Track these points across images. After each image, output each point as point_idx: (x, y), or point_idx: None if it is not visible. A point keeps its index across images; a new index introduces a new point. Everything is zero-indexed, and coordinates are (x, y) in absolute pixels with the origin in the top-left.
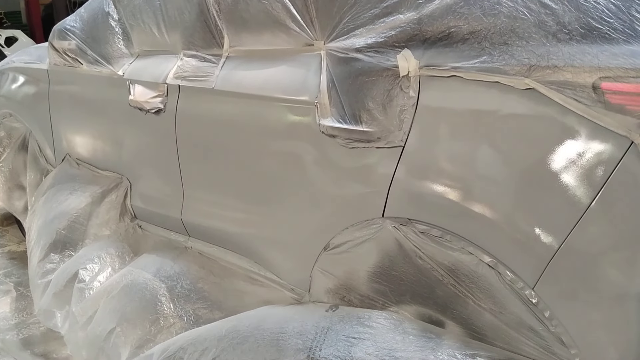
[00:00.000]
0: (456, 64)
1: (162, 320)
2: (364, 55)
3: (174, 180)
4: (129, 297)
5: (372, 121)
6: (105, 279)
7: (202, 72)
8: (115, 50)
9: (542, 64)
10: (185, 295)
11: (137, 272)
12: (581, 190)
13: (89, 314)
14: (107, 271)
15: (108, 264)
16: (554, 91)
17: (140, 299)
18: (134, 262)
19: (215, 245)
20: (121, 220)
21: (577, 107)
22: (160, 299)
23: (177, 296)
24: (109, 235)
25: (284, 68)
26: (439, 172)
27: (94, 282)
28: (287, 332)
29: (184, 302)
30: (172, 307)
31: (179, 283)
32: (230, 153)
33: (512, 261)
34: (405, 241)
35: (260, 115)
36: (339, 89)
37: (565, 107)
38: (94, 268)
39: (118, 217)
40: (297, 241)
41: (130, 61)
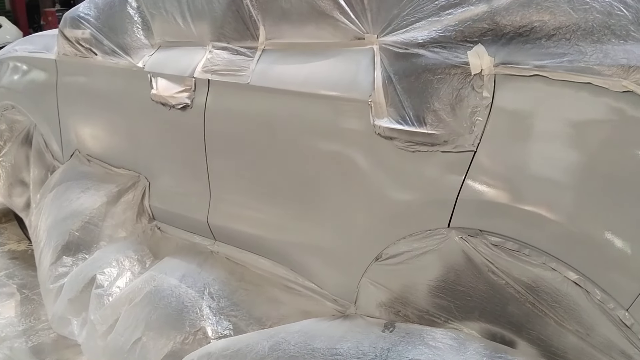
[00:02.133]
0: (540, 62)
1: (190, 328)
2: (428, 51)
3: (200, 180)
4: (153, 304)
5: (439, 123)
6: (125, 285)
7: (235, 65)
8: (135, 41)
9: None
10: (215, 303)
11: (160, 277)
12: None
13: (110, 322)
14: (126, 276)
15: (127, 268)
16: None
17: (166, 306)
18: (155, 266)
19: (245, 250)
20: (138, 222)
21: None
22: (187, 305)
23: (206, 303)
24: (126, 237)
25: (330, 63)
26: (516, 180)
27: (113, 287)
28: (341, 354)
29: (213, 310)
30: (201, 314)
31: (207, 289)
32: (267, 153)
33: (603, 279)
34: (475, 254)
35: (303, 114)
36: (398, 87)
37: None
38: (112, 272)
39: (135, 218)
40: (343, 249)
41: (151, 52)
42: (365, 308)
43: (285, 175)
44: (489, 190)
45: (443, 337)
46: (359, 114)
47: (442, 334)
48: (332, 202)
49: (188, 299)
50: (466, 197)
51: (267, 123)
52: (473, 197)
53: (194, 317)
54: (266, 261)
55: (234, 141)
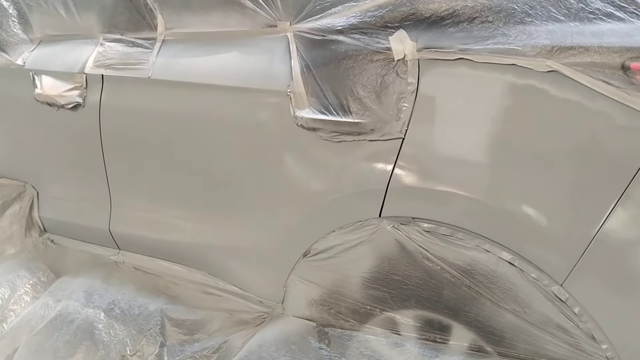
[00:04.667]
0: (464, 46)
1: (104, 352)
2: (348, 38)
3: (99, 185)
4: (59, 331)
5: (364, 111)
6: (22, 309)
7: (132, 59)
8: (11, 36)
9: (565, 45)
10: (127, 318)
11: (64, 302)
12: (613, 178)
13: (7, 352)
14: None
15: (21, 289)
16: (580, 73)
17: (75, 332)
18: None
19: (155, 258)
20: (27, 236)
21: (607, 90)
22: (98, 327)
23: (117, 321)
24: (15, 254)
25: (242, 53)
26: (446, 165)
27: (6, 312)
28: None
29: (126, 327)
30: (114, 335)
31: (116, 306)
32: (175, 152)
33: (537, 257)
34: (409, 242)
35: (216, 108)
36: (317, 76)
37: (594, 90)
38: (4, 295)
39: (23, 232)
40: (267, 249)
41: (31, 48)
42: (294, 307)
43: (197, 174)
44: (419, 177)
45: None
46: (277, 106)
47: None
48: (252, 199)
49: (97, 320)
50: (396, 185)
51: (174, 120)
52: (403, 185)
53: (107, 339)
54: (181, 268)
55: (136, 141)
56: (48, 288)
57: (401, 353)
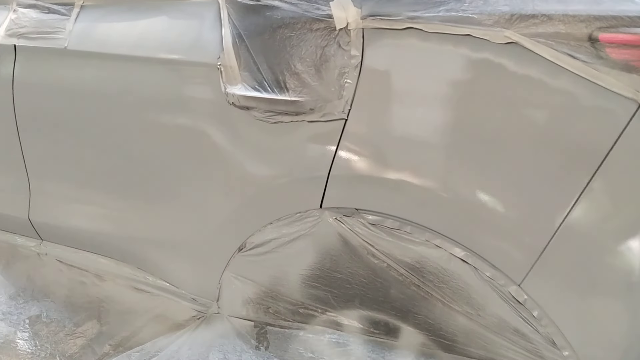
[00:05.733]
0: (413, 13)
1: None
2: (284, 3)
3: (15, 169)
4: None
5: (302, 88)
6: None
7: (47, 27)
8: None
9: (526, 12)
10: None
11: None
12: (579, 165)
13: None
14: None
15: None
16: (542, 45)
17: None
18: None
19: (79, 250)
20: None
21: (572, 65)
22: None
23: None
24: None
25: (168, 20)
26: (394, 150)
27: None
28: None
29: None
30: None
31: (43, 313)
32: (96, 132)
33: (492, 254)
34: (352, 236)
35: (138, 83)
36: (251, 47)
37: (557, 64)
38: None
39: None
40: (199, 241)
41: None
42: (230, 306)
43: (119, 158)
44: (363, 163)
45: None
46: (207, 81)
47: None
48: (181, 186)
49: (22, 329)
50: (339, 172)
51: (93, 96)
52: (346, 172)
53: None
54: (107, 261)
55: (53, 119)
56: None
57: (344, 353)
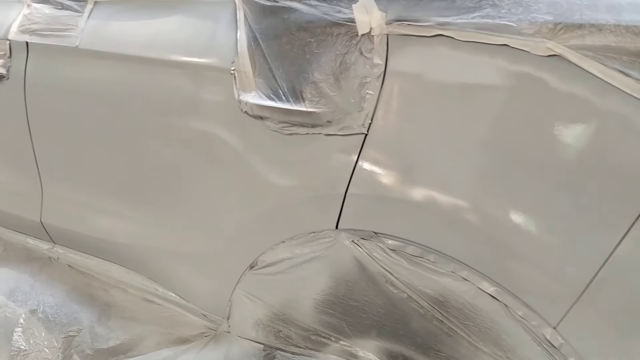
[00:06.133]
0: (443, 19)
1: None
2: (303, 4)
3: (28, 170)
4: None
5: (320, 98)
6: None
7: (59, 23)
8: None
9: (572, 22)
10: (51, 326)
11: None
12: (629, 194)
13: None
14: None
15: None
16: (590, 59)
17: None
18: None
19: (91, 257)
20: None
21: (624, 83)
22: (17, 330)
23: (42, 326)
24: None
25: (182, 20)
26: (418, 169)
27: None
28: None
29: (51, 335)
30: (35, 342)
31: (40, 307)
32: (107, 135)
33: (525, 291)
34: (370, 261)
35: (148, 85)
36: (266, 51)
37: (606, 81)
38: None
39: None
40: (210, 255)
41: None
42: (240, 326)
43: (130, 163)
44: (384, 182)
45: None
46: (220, 86)
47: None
48: (192, 195)
49: (17, 323)
50: (357, 191)
51: (105, 98)
52: (365, 192)
53: (25, 346)
54: (118, 269)
55: (64, 121)
56: None
57: None
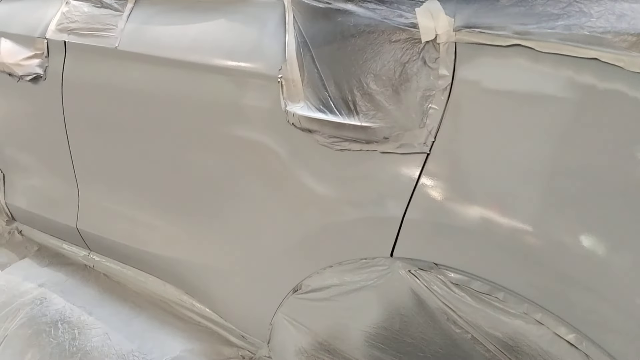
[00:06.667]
0: (522, 27)
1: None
2: (360, 7)
3: (65, 175)
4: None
5: (376, 112)
6: None
7: (98, 23)
8: None
9: None
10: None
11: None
12: None
13: None
14: None
15: None
16: None
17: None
18: (11, 267)
19: (128, 266)
20: None
21: None
22: (46, 329)
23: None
24: None
25: (226, 22)
26: (487, 196)
27: None
28: None
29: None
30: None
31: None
32: (145, 142)
33: (610, 340)
34: (429, 295)
35: (189, 91)
36: (317, 58)
37: None
38: None
39: None
40: (252, 273)
41: None
42: (281, 353)
43: (169, 172)
44: (448, 207)
45: None
46: (266, 94)
47: None
48: (235, 209)
49: (51, 322)
50: (416, 216)
51: (143, 103)
52: (426, 217)
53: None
54: (155, 281)
55: (102, 125)
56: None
57: None
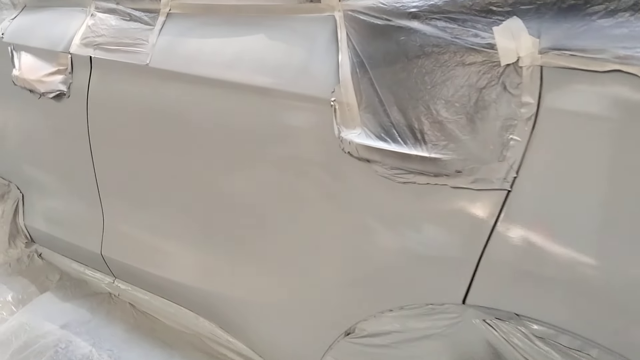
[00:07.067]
0: (623, 51)
1: None
2: (428, 25)
3: (89, 197)
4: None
5: (447, 142)
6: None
7: (127, 37)
8: None
9: None
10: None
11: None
12: None
13: None
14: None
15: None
16: None
17: None
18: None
19: (156, 296)
20: (12, 246)
21: None
22: None
23: None
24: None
25: (267, 39)
26: (580, 239)
27: None
28: None
29: None
30: None
31: (95, 349)
32: (179, 165)
33: None
34: (508, 349)
35: (229, 113)
36: (376, 80)
37: None
38: None
39: (7, 240)
40: (295, 309)
41: (13, 15)
42: None
43: (204, 197)
44: (531, 252)
45: None
46: (316, 119)
47: None
48: (275, 240)
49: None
50: (494, 260)
51: (177, 124)
52: (505, 261)
53: None
54: (187, 313)
55: (131, 147)
56: (23, 307)
57: None
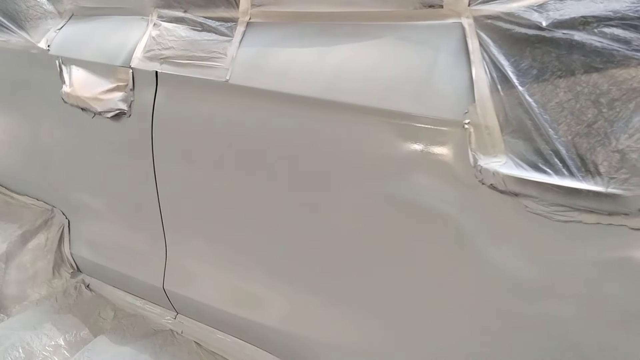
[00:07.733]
0: None
1: None
2: (598, 37)
3: (150, 227)
4: None
5: (629, 176)
6: None
7: (201, 50)
8: (31, 7)
9: None
10: None
11: None
12: None
13: None
14: None
15: (40, 353)
16: None
17: None
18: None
19: (224, 333)
20: (56, 276)
21: None
22: None
23: None
24: (39, 301)
25: (377, 51)
26: None
27: None
28: None
29: None
30: None
31: None
32: (261, 195)
33: None
34: None
35: (330, 138)
36: (529, 100)
37: None
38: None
39: (51, 270)
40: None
41: (59, 25)
42: None
43: (291, 231)
44: None
45: None
46: (439, 145)
47: None
48: (385, 285)
49: None
50: None
51: (260, 148)
52: None
53: None
54: (264, 356)
55: (202, 174)
56: (76, 354)
57: None
